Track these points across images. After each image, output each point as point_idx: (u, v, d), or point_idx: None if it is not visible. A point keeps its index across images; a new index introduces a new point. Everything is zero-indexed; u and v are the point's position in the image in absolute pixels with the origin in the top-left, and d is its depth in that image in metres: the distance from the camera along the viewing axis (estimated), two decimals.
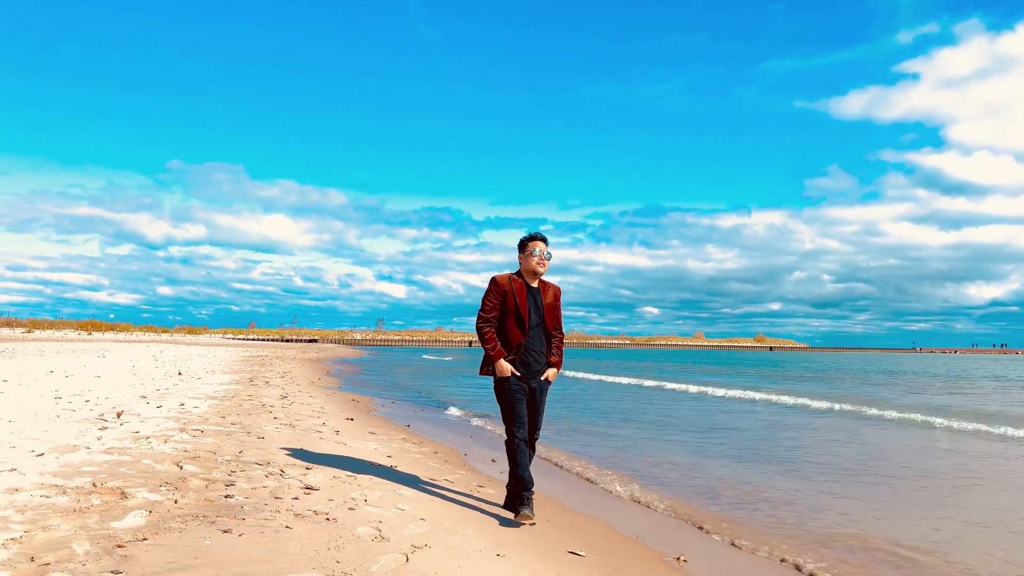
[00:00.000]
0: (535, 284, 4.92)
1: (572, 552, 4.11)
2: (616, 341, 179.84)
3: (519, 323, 4.80)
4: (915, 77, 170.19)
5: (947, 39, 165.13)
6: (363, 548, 3.52)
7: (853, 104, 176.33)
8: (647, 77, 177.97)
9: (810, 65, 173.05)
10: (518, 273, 4.93)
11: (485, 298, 4.84)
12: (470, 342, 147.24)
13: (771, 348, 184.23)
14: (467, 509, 4.85)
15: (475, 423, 11.11)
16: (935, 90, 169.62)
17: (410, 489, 5.22)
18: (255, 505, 4.19)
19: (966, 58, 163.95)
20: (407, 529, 4.00)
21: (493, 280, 4.85)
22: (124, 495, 4.21)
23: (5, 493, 4.12)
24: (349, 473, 5.52)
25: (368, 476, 5.52)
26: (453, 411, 12.86)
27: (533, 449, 4.96)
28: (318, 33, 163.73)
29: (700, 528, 5.07)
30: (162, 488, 4.47)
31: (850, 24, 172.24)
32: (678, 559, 4.29)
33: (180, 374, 16.52)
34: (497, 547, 3.91)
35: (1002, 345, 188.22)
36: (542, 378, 4.88)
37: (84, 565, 2.96)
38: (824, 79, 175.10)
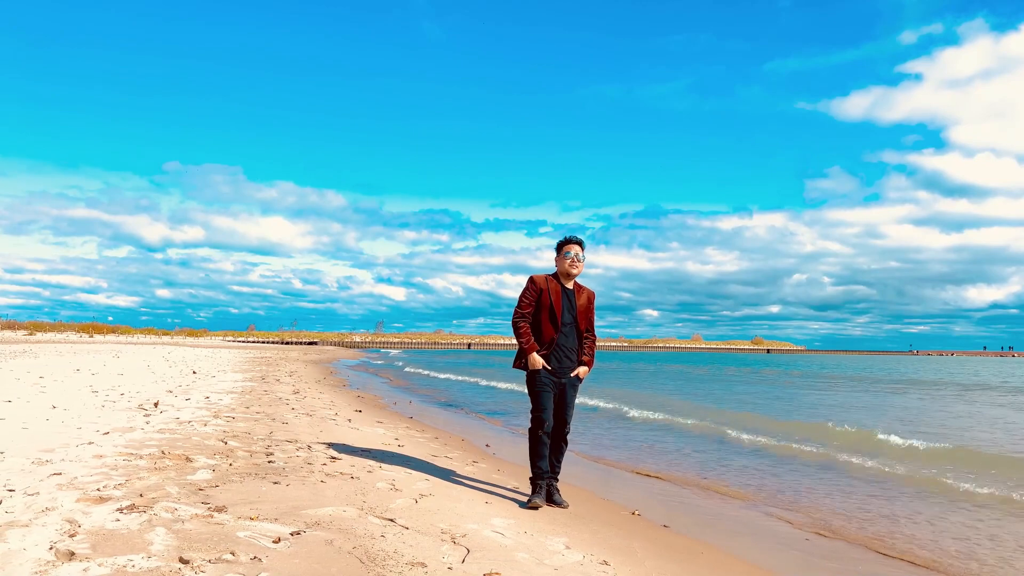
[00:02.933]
0: (570, 286, 5.21)
1: (530, 499, 5.15)
2: (614, 344, 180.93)
3: (552, 320, 5.09)
4: (918, 78, 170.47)
5: (951, 39, 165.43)
6: (382, 495, 4.58)
7: (855, 105, 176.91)
8: (650, 77, 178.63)
9: (813, 65, 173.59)
10: (554, 275, 5.25)
11: (522, 295, 5.15)
12: (468, 344, 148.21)
13: (768, 351, 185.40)
14: (465, 475, 5.89)
15: (473, 416, 12.16)
16: (938, 91, 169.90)
17: (416, 461, 6.28)
18: (293, 468, 5.24)
19: (970, 59, 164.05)
20: (415, 485, 5.05)
21: (531, 279, 5.18)
22: (189, 459, 5.27)
23: (94, 458, 5.17)
24: (364, 448, 6.58)
25: (380, 451, 6.58)
26: (454, 407, 13.90)
27: (565, 442, 5.24)
28: (316, 33, 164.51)
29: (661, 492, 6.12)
30: (216, 456, 5.52)
31: (855, 23, 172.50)
32: (633, 513, 5.34)
33: (195, 373, 17.55)
34: (486, 499, 4.97)
35: (1009, 348, 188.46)
36: (572, 375, 5.17)
37: (179, 500, 4.01)
38: (826, 79, 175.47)
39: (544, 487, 5.12)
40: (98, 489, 4.14)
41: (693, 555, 4.23)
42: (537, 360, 5.04)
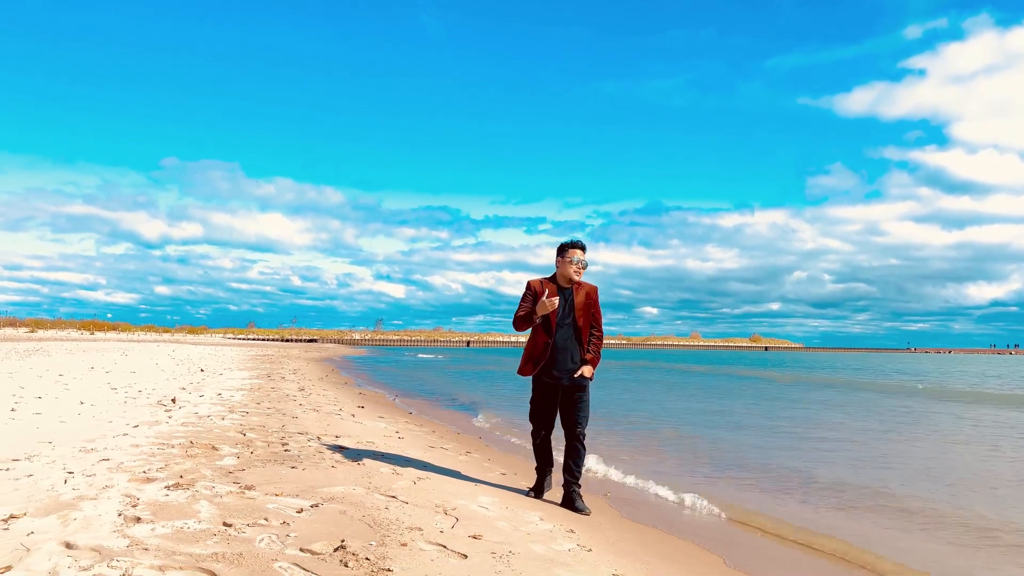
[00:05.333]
0: (568, 286, 5.20)
1: (531, 488, 5.87)
2: (612, 341, 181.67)
3: (546, 324, 5.06)
4: (921, 73, 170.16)
5: (955, 34, 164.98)
6: (385, 477, 5.30)
7: (857, 101, 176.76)
8: (650, 73, 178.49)
9: (816, 60, 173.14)
10: (553, 276, 5.21)
11: (520, 300, 5.20)
12: (468, 342, 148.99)
13: (766, 348, 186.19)
14: (458, 463, 6.62)
15: (467, 412, 12.89)
16: (941, 86, 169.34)
17: (415, 450, 7.01)
18: (307, 455, 5.97)
19: (974, 54, 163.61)
20: (413, 470, 5.77)
21: (528, 284, 5.20)
22: (215, 448, 6.00)
23: (132, 447, 5.89)
24: (369, 440, 7.31)
25: (383, 442, 7.31)
26: (449, 403, 14.64)
27: (582, 445, 5.14)
28: (314, 27, 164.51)
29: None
30: (238, 446, 6.24)
31: (859, 18, 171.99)
32: (606, 495, 6.06)
33: (202, 370, 18.28)
34: (475, 482, 5.69)
35: (1015, 346, 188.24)
36: (576, 375, 5.11)
37: (214, 480, 4.73)
38: (829, 75, 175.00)
39: (547, 481, 5.31)
40: (144, 472, 4.87)
41: (646, 529, 4.95)
42: (547, 304, 4.93)
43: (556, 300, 4.97)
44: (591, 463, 6.97)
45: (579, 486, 5.18)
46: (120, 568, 2.95)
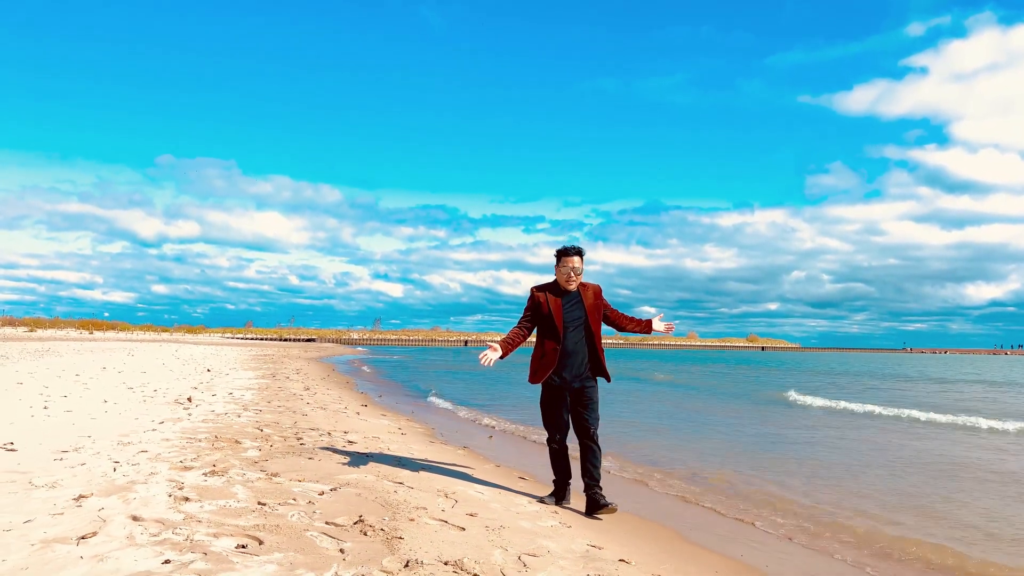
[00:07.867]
0: (572, 289, 5.17)
1: (522, 478, 6.55)
2: (609, 340, 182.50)
3: (552, 331, 5.10)
4: (923, 71, 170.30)
5: (958, 31, 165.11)
6: (393, 467, 5.97)
7: (858, 99, 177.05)
8: (650, 70, 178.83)
9: (817, 58, 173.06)
10: (553, 281, 5.23)
11: (524, 310, 5.25)
12: (465, 341, 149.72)
13: (763, 348, 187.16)
14: (456, 456, 7.29)
15: (462, 413, 13.57)
16: (943, 84, 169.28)
17: (417, 444, 7.69)
18: (321, 448, 6.64)
19: (976, 52, 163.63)
20: (417, 461, 6.45)
21: (531, 292, 5.24)
22: (238, 442, 6.67)
23: (164, 441, 6.56)
24: (374, 435, 7.99)
25: (388, 437, 7.98)
26: (443, 404, 15.32)
27: (596, 445, 5.11)
28: (311, 24, 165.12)
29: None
30: (258, 440, 6.91)
31: (861, 15, 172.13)
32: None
33: (209, 370, 18.92)
34: (472, 472, 6.37)
35: (1019, 346, 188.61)
36: (658, 330, 5.34)
37: (244, 468, 5.40)
38: (830, 73, 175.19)
39: (566, 492, 5.31)
40: (180, 461, 5.53)
41: (622, 513, 5.63)
42: (485, 358, 4.97)
43: (490, 359, 4.98)
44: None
45: (600, 487, 5.10)
46: (183, 535, 3.62)
